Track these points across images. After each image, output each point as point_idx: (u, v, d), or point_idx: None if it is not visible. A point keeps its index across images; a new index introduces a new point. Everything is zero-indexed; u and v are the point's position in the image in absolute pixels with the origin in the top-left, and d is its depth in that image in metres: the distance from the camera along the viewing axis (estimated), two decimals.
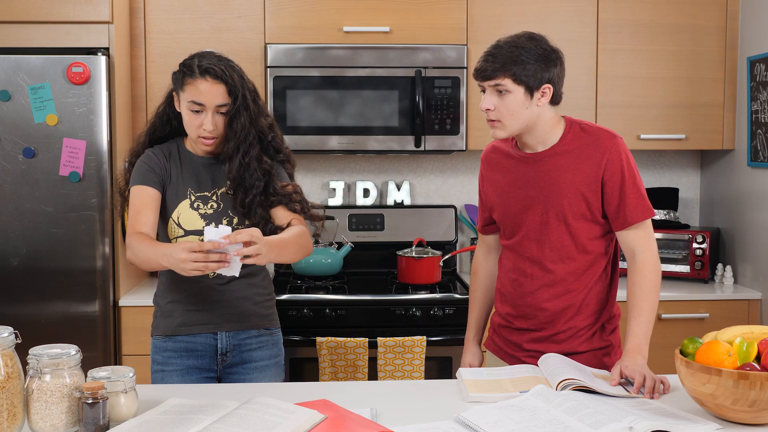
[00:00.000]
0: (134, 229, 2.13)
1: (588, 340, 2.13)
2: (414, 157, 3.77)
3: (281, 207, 2.22)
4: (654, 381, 1.86)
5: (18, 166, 2.95)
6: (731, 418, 1.65)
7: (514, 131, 2.05)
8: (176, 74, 2.19)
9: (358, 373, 2.98)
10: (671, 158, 3.84)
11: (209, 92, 2.11)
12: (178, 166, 2.25)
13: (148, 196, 2.19)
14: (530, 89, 2.00)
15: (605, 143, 2.05)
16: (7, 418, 1.57)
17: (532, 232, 2.12)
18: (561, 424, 1.64)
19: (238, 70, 2.17)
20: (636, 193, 2.05)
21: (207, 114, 2.13)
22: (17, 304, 2.99)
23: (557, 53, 2.04)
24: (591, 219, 2.08)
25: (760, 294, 3.24)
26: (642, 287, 2.03)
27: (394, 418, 1.73)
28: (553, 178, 2.08)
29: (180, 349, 2.25)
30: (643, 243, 2.06)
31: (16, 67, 2.92)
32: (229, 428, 1.57)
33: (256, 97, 2.22)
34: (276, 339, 2.34)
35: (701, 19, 3.42)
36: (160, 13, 3.30)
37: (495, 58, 2.00)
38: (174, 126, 2.29)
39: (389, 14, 3.34)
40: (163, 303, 2.29)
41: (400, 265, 3.34)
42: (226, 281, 2.24)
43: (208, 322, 2.25)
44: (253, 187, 2.18)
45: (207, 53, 2.19)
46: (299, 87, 3.28)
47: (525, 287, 2.15)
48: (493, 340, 2.29)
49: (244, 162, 2.17)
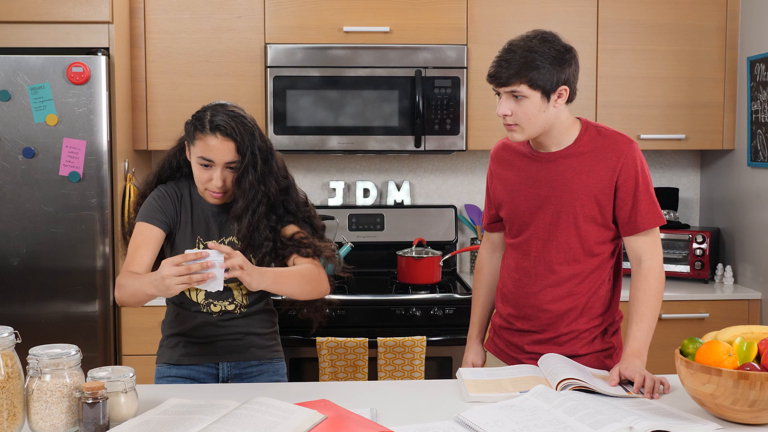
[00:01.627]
0: (127, 269, 2.11)
1: (590, 343, 2.13)
2: (414, 157, 3.77)
3: (294, 255, 2.18)
4: (653, 381, 1.86)
5: (18, 166, 2.95)
6: (731, 418, 1.65)
7: (533, 134, 2.04)
8: (188, 126, 2.15)
9: (358, 373, 2.98)
10: (671, 158, 3.84)
11: (218, 149, 2.08)
12: (188, 211, 2.22)
13: (152, 235, 2.15)
14: (546, 93, 1.98)
15: (621, 147, 2.04)
16: (7, 418, 1.57)
17: (540, 232, 2.10)
18: (561, 424, 1.64)
19: (249, 128, 2.11)
20: (648, 200, 2.04)
21: (216, 170, 2.10)
22: (17, 304, 2.99)
23: (571, 52, 2.01)
24: (601, 223, 2.07)
25: (760, 294, 3.24)
26: (646, 293, 2.03)
27: (394, 418, 1.73)
28: (566, 178, 2.06)
29: (183, 375, 2.26)
30: (650, 250, 2.05)
31: (16, 67, 2.92)
32: (229, 428, 1.57)
33: (268, 157, 2.16)
34: (277, 368, 2.31)
35: (701, 19, 3.42)
36: (160, 13, 3.30)
37: (509, 64, 1.96)
38: (184, 172, 2.27)
39: (389, 14, 3.34)
40: (168, 333, 2.30)
41: (400, 265, 3.34)
42: (228, 318, 2.23)
43: (209, 354, 2.25)
44: (263, 246, 2.15)
45: (220, 107, 2.13)
46: (299, 87, 3.28)
47: (528, 287, 2.14)
48: (494, 342, 2.28)
49: (253, 221, 2.13)
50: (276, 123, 3.28)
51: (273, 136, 3.29)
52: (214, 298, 2.21)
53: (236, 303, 2.23)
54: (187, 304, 2.23)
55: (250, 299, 2.24)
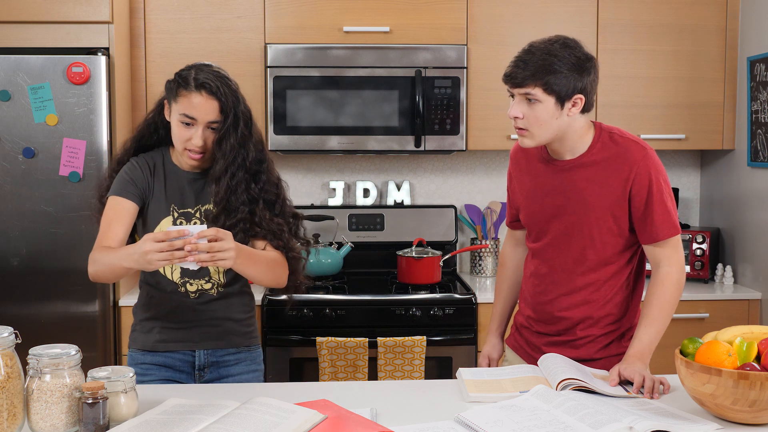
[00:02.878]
0: (100, 243, 2.08)
1: (605, 348, 2.11)
2: (414, 157, 3.77)
3: (265, 242, 2.16)
4: (653, 381, 1.86)
5: (18, 166, 2.95)
6: (731, 418, 1.65)
7: (543, 141, 1.99)
8: (170, 84, 2.11)
9: (358, 373, 2.98)
10: (671, 158, 3.84)
11: (202, 107, 2.05)
12: (162, 180, 2.18)
13: (124, 209, 2.13)
14: (561, 99, 1.93)
15: (634, 156, 1.99)
16: (7, 418, 1.57)
17: (556, 240, 2.08)
18: (561, 424, 1.64)
19: (234, 90, 2.10)
20: (662, 210, 2.00)
21: (197, 128, 2.07)
22: (17, 304, 2.99)
23: (591, 61, 1.96)
24: (617, 233, 2.04)
25: (760, 294, 3.24)
26: (660, 298, 2.01)
27: (394, 418, 1.73)
28: (579, 189, 2.03)
29: (158, 362, 2.21)
30: (668, 258, 2.02)
31: (16, 67, 2.92)
32: (229, 428, 1.57)
33: (249, 122, 2.14)
34: (254, 355, 2.29)
35: (701, 19, 3.42)
36: (160, 13, 3.30)
37: (526, 65, 1.91)
38: (161, 135, 2.22)
39: (389, 14, 3.34)
40: (142, 317, 2.24)
41: (400, 265, 3.34)
42: (205, 300, 2.19)
43: (185, 340, 2.21)
44: (237, 211, 2.12)
45: (205, 66, 2.11)
46: (299, 87, 3.28)
47: (545, 294, 2.12)
48: (515, 338, 2.28)
49: (232, 184, 2.11)
50: (276, 123, 3.28)
51: (273, 136, 3.29)
52: (190, 277, 2.17)
53: (213, 281, 2.18)
54: (162, 284, 2.19)
55: (227, 277, 2.20)
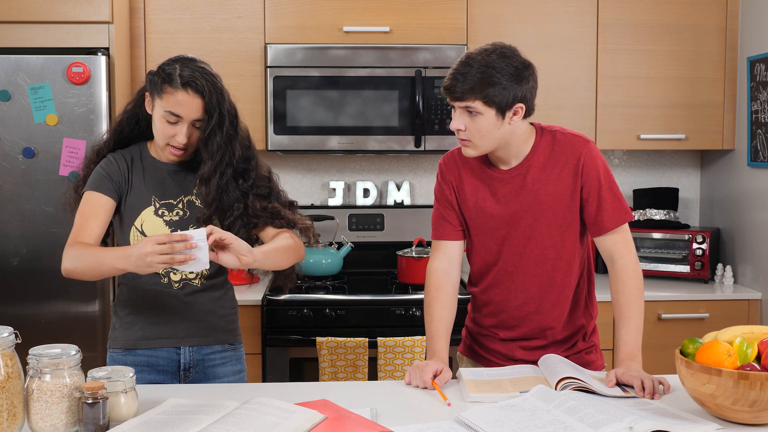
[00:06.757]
0: (76, 238, 2.04)
1: (573, 346, 2.14)
2: (414, 157, 3.77)
3: (268, 227, 2.15)
4: (653, 382, 1.86)
5: (18, 166, 2.95)
6: (731, 418, 1.65)
7: (486, 150, 1.99)
8: (153, 77, 2.07)
9: (358, 373, 2.98)
10: (671, 158, 3.84)
11: (188, 105, 2.02)
12: (141, 173, 2.15)
13: (101, 204, 2.09)
14: (502, 110, 1.91)
15: (580, 149, 2.01)
16: (7, 418, 1.57)
17: (515, 247, 2.07)
18: (561, 424, 1.64)
19: (219, 88, 2.06)
20: (613, 198, 2.02)
21: (182, 126, 2.04)
22: (17, 304, 2.99)
23: (530, 68, 1.95)
24: (575, 227, 2.05)
25: (760, 294, 3.24)
26: (625, 294, 2.00)
27: (394, 418, 1.73)
28: (534, 191, 2.02)
29: (140, 363, 2.16)
30: (621, 248, 2.02)
31: (16, 67, 2.92)
32: (229, 428, 1.57)
33: (234, 120, 2.11)
34: (239, 354, 2.27)
35: (701, 19, 3.43)
36: (160, 13, 3.30)
37: (465, 78, 1.89)
38: (142, 127, 2.19)
39: (389, 14, 3.34)
40: (123, 314, 2.19)
41: (400, 265, 3.34)
42: (189, 291, 2.16)
43: (170, 336, 2.17)
44: (233, 209, 2.11)
45: (189, 61, 2.07)
46: (299, 87, 3.28)
47: (509, 301, 2.11)
48: (473, 349, 2.25)
49: (222, 183, 2.09)
50: (276, 123, 3.28)
51: (273, 136, 3.29)
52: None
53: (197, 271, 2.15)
54: (145, 276, 2.13)
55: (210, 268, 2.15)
